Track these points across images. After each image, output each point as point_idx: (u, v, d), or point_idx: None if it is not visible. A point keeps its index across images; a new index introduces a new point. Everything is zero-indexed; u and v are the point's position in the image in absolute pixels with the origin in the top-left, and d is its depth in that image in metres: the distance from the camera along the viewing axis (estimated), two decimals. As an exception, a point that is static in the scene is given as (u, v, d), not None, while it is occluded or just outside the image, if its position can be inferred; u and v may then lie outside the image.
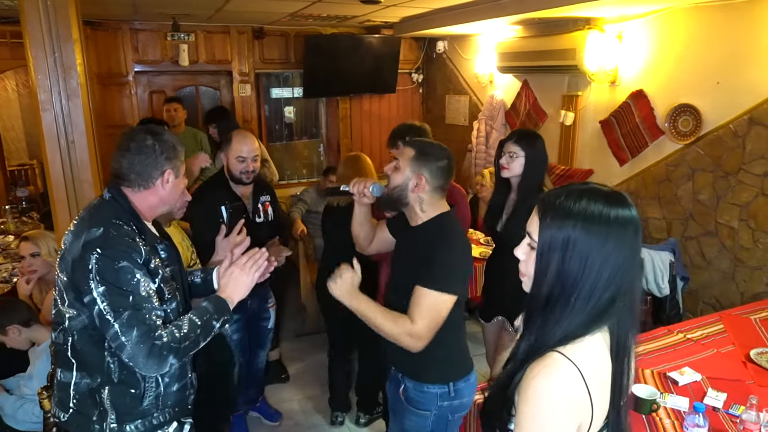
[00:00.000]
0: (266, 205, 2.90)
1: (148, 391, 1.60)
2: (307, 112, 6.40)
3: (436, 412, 1.84)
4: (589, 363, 1.02)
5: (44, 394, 1.95)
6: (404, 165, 1.79)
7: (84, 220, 1.56)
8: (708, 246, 3.46)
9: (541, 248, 1.06)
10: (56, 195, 2.38)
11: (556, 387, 0.99)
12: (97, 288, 1.43)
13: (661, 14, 3.55)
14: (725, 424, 1.88)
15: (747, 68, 3.12)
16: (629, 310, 1.07)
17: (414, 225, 1.86)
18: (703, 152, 3.42)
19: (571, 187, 1.07)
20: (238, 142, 2.67)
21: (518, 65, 4.57)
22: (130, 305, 1.44)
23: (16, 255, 3.60)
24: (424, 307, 1.69)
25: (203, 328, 1.55)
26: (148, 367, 1.45)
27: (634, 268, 1.05)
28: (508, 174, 2.50)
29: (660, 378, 2.17)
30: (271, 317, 3.07)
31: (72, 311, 1.52)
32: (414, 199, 1.80)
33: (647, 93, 3.70)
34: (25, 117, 7.08)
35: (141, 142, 1.59)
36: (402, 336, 1.70)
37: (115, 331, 1.43)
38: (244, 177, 2.69)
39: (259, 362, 3.16)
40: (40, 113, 2.32)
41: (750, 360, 2.28)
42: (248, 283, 1.68)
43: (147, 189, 1.61)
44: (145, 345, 1.43)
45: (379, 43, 5.65)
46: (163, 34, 5.18)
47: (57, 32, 2.24)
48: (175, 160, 1.64)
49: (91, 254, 1.44)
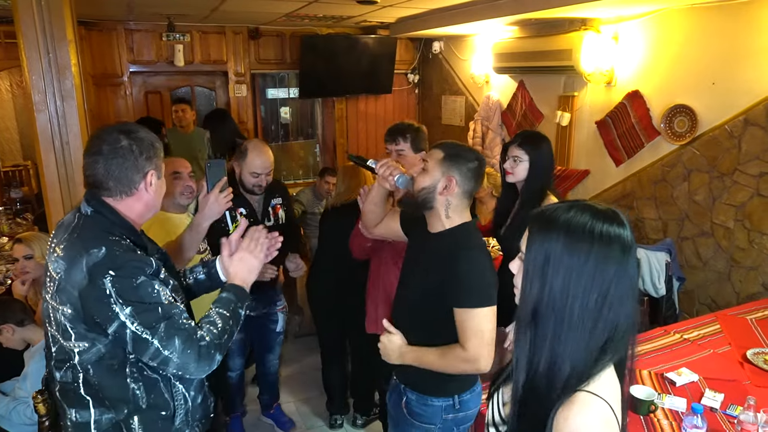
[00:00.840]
0: (277, 208, 2.79)
1: (179, 410, 1.53)
2: (303, 113, 6.39)
3: (440, 426, 1.78)
4: (610, 392, 1.01)
5: (39, 398, 1.93)
6: (433, 166, 1.71)
7: (73, 243, 1.38)
8: (704, 246, 3.46)
9: (527, 262, 1.04)
10: (51, 196, 2.37)
11: (596, 426, 0.98)
12: (123, 310, 1.32)
13: (656, 15, 3.56)
14: (723, 424, 1.88)
15: (742, 69, 3.13)
16: (626, 343, 1.05)
17: (434, 231, 1.77)
18: (698, 153, 3.43)
19: (564, 202, 1.06)
20: (255, 157, 2.56)
21: (514, 66, 4.57)
22: (161, 317, 1.35)
23: (10, 257, 3.58)
24: (470, 328, 1.63)
25: (233, 318, 1.50)
26: (200, 369, 1.39)
27: (626, 292, 1.00)
28: (513, 179, 2.44)
29: (657, 379, 2.17)
30: (279, 320, 2.97)
31: (82, 344, 1.38)
32: (441, 203, 1.72)
33: (643, 94, 3.71)
34: (20, 118, 7.03)
35: (115, 143, 1.41)
36: (460, 365, 1.65)
37: (156, 347, 1.34)
38: (256, 189, 2.63)
39: (270, 367, 3.08)
40: (35, 114, 2.30)
41: (746, 360, 2.29)
42: (257, 264, 1.61)
43: (130, 196, 1.45)
44: (193, 350, 1.36)
45: (375, 43, 5.64)
46: (159, 34, 5.16)
47: (51, 32, 2.22)
48: (156, 159, 1.49)
49: (103, 278, 1.31)
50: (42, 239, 2.86)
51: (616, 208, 1.05)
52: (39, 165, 2.38)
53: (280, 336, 3.04)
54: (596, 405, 0.98)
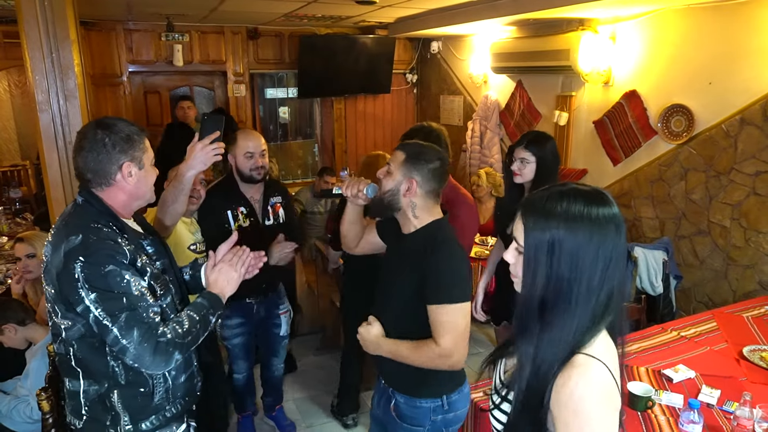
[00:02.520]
0: (277, 206, 2.78)
1: (158, 387, 1.59)
2: (302, 113, 6.40)
3: (429, 427, 1.79)
4: (607, 355, 1.04)
5: (42, 395, 1.94)
6: (395, 169, 1.74)
7: (60, 229, 1.50)
8: (700, 245, 3.49)
9: (528, 253, 1.07)
10: (53, 195, 2.38)
11: (596, 389, 1.01)
12: (88, 296, 1.41)
13: (653, 15, 3.59)
14: (719, 420, 1.91)
15: (739, 69, 3.15)
16: (618, 311, 1.09)
17: (406, 233, 1.79)
18: (695, 152, 3.45)
19: (552, 189, 1.08)
20: (244, 139, 2.59)
21: (512, 66, 4.60)
22: (125, 307, 1.42)
23: (10, 256, 3.59)
24: (442, 323, 1.64)
25: (202, 322, 1.55)
26: (155, 365, 1.44)
27: (621, 264, 1.06)
28: (521, 180, 2.47)
29: (654, 375, 2.19)
30: (282, 324, 2.94)
31: (66, 322, 1.48)
32: (406, 204, 1.74)
33: (640, 93, 3.74)
34: (18, 118, 7.04)
35: (92, 138, 1.51)
36: (433, 361, 1.65)
37: (115, 335, 1.41)
38: (255, 174, 2.59)
39: (275, 370, 3.06)
40: (37, 114, 2.31)
41: (743, 357, 2.31)
42: (236, 278, 1.68)
43: (109, 186, 1.54)
44: (149, 343, 1.42)
45: (373, 43, 5.66)
46: (158, 34, 5.17)
47: (54, 32, 2.23)
48: (133, 151, 1.54)
49: (74, 263, 1.40)
50: (43, 238, 2.87)
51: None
52: (42, 164, 2.39)
53: (285, 340, 3.01)
54: (595, 368, 1.02)
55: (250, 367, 2.98)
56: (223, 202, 2.63)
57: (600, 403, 1.01)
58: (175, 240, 2.38)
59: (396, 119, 6.45)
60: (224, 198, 2.64)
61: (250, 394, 3.06)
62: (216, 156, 1.92)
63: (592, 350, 1.04)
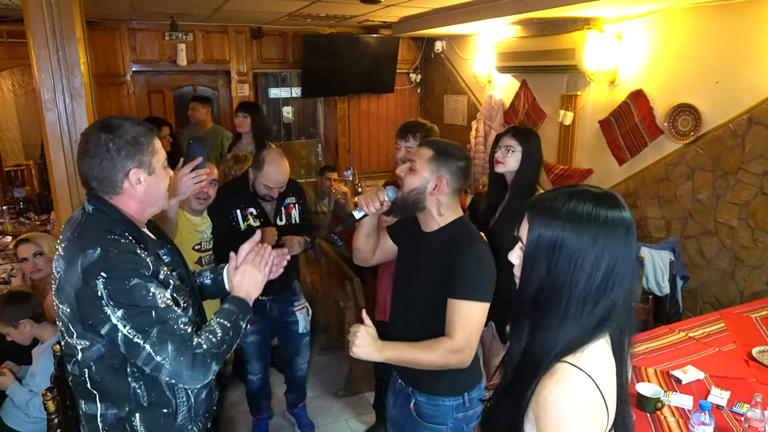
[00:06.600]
0: (290, 207, 2.77)
1: (181, 407, 1.52)
2: (305, 112, 6.39)
3: (452, 425, 1.77)
4: (597, 367, 1.01)
5: (48, 395, 1.94)
6: (422, 166, 1.68)
7: (73, 241, 1.37)
8: (707, 245, 3.47)
9: (528, 249, 1.05)
10: (60, 195, 2.37)
11: (574, 398, 0.98)
12: (114, 313, 1.30)
13: (660, 14, 3.57)
14: (730, 422, 1.89)
15: (746, 68, 3.14)
16: (627, 314, 1.06)
17: (428, 231, 1.76)
18: (702, 152, 3.43)
19: (562, 190, 1.07)
20: (271, 172, 2.52)
21: (517, 65, 4.58)
22: (154, 321, 1.32)
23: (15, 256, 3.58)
24: (460, 319, 1.61)
25: (233, 329, 1.47)
26: (194, 379, 1.35)
27: (631, 270, 1.03)
28: (503, 169, 2.40)
29: (663, 376, 2.17)
30: (299, 321, 2.91)
31: (84, 342, 1.38)
32: (432, 202, 1.70)
33: (646, 93, 3.72)
34: (21, 117, 7.04)
35: (95, 142, 1.38)
36: (445, 357, 1.60)
37: (148, 353, 1.31)
38: (267, 198, 2.63)
39: (298, 369, 3.03)
40: (43, 112, 2.30)
41: (752, 358, 2.29)
42: (261, 279, 1.60)
43: (117, 195, 1.42)
44: (186, 357, 1.33)
45: (377, 42, 5.65)
46: (161, 33, 5.17)
47: (61, 31, 2.22)
48: (141, 156, 1.41)
49: (96, 279, 1.30)
50: (46, 236, 2.87)
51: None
52: (48, 163, 2.38)
53: (306, 337, 2.97)
54: (576, 378, 0.99)
55: (265, 368, 2.94)
56: (234, 201, 2.64)
57: (578, 414, 0.98)
58: (179, 241, 2.38)
59: (400, 119, 6.42)
60: (236, 197, 2.65)
61: (266, 397, 3.03)
62: (195, 185, 1.92)
63: (580, 360, 1.01)
